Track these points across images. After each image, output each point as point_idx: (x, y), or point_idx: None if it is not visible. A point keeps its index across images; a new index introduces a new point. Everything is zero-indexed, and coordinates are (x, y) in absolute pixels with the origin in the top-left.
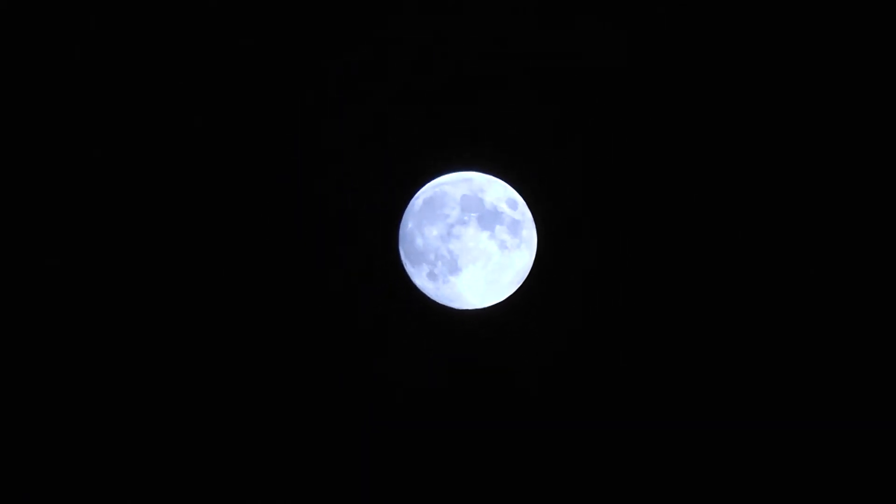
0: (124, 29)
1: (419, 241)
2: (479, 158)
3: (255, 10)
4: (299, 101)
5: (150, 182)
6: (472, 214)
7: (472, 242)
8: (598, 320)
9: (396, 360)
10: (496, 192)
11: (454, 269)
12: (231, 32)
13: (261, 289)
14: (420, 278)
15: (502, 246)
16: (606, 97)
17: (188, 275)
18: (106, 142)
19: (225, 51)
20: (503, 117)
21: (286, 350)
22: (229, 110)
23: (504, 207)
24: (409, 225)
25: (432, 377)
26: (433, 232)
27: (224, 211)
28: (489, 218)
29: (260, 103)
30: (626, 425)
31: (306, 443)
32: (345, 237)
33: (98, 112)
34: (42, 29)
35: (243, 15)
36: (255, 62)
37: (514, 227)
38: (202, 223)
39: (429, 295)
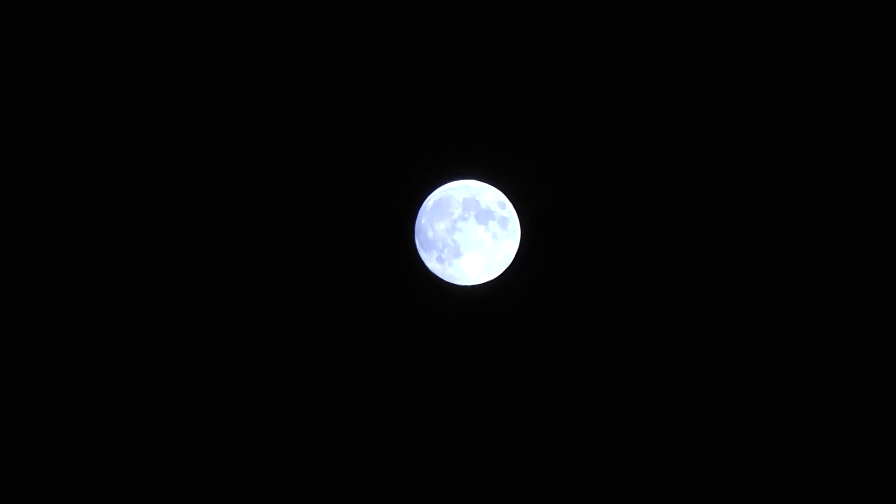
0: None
1: (430, 233)
2: (476, 170)
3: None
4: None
5: (192, 181)
6: (471, 213)
7: (471, 234)
8: (570, 293)
9: (411, 325)
10: (489, 195)
11: (457, 254)
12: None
13: (306, 270)
14: (431, 261)
15: (494, 237)
16: (581, 111)
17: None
18: (116, 137)
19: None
20: (495, 137)
21: (319, 316)
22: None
23: (495, 207)
24: (423, 220)
25: (439, 339)
26: (441, 226)
27: (284, 204)
28: (484, 215)
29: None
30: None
31: (327, 398)
32: (373, 230)
33: (106, 110)
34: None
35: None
36: (299, 89)
37: (503, 222)
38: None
39: (437, 274)
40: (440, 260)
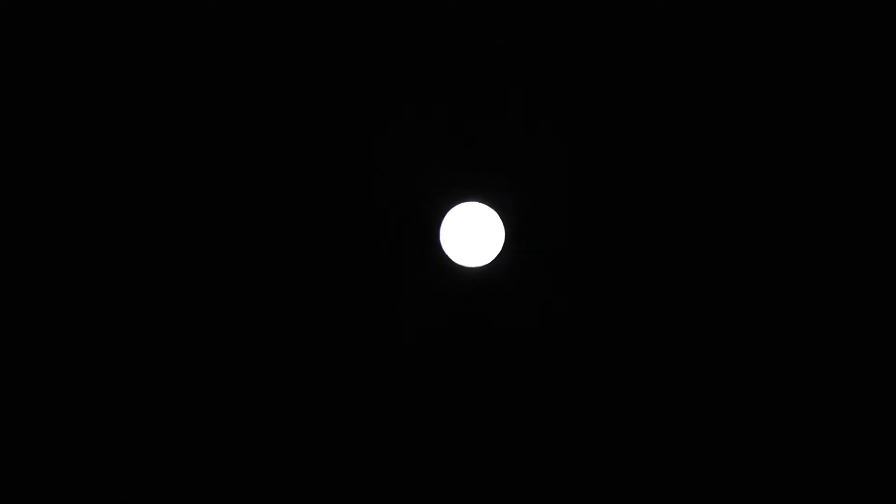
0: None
1: (449, 233)
2: (478, 192)
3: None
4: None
5: (226, 183)
6: (476, 220)
7: (476, 234)
8: (545, 274)
9: (434, 290)
10: (483, 210)
11: (464, 245)
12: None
13: (365, 255)
14: (449, 251)
15: (490, 236)
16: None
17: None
18: (134, 140)
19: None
20: (488, 168)
21: (369, 283)
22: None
23: (490, 218)
24: (444, 226)
25: (454, 306)
26: (456, 228)
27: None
28: (484, 222)
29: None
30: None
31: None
32: (412, 234)
33: (115, 111)
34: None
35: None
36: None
37: (496, 226)
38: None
39: (453, 259)
40: (453, 249)
